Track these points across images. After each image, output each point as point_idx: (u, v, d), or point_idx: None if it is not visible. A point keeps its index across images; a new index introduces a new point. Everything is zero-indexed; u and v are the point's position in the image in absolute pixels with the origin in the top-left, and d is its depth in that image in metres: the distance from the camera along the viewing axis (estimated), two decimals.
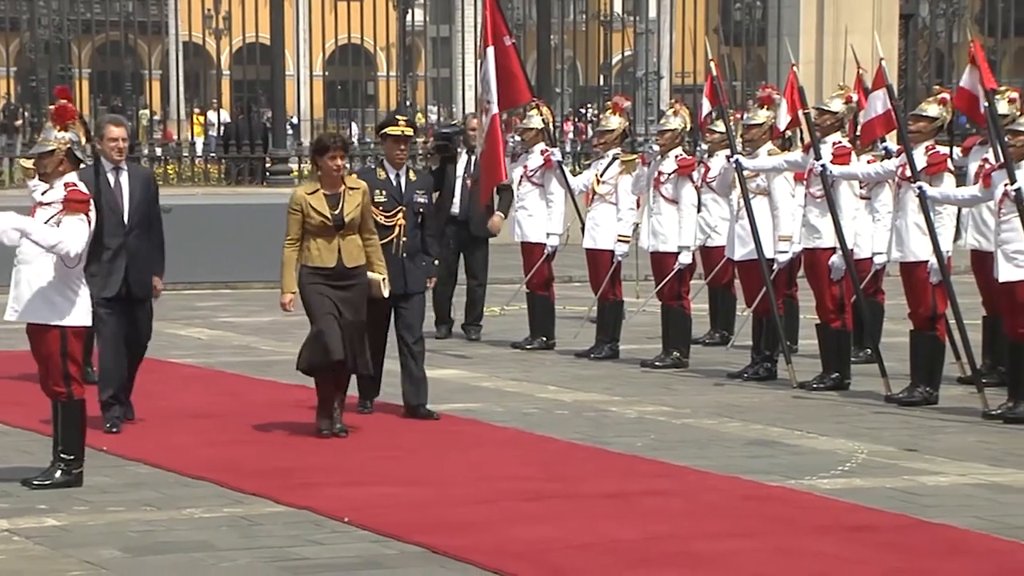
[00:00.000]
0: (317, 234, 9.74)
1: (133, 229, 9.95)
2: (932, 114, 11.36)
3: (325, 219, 9.72)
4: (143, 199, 10.01)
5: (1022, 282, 10.46)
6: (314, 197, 9.79)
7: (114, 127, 10.04)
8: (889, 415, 10.95)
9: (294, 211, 9.79)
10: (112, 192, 9.84)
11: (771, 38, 24.27)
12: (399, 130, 10.54)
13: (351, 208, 9.74)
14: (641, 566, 7.17)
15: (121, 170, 10.00)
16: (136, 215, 9.96)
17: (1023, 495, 8.57)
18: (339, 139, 10.08)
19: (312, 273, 9.75)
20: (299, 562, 7.23)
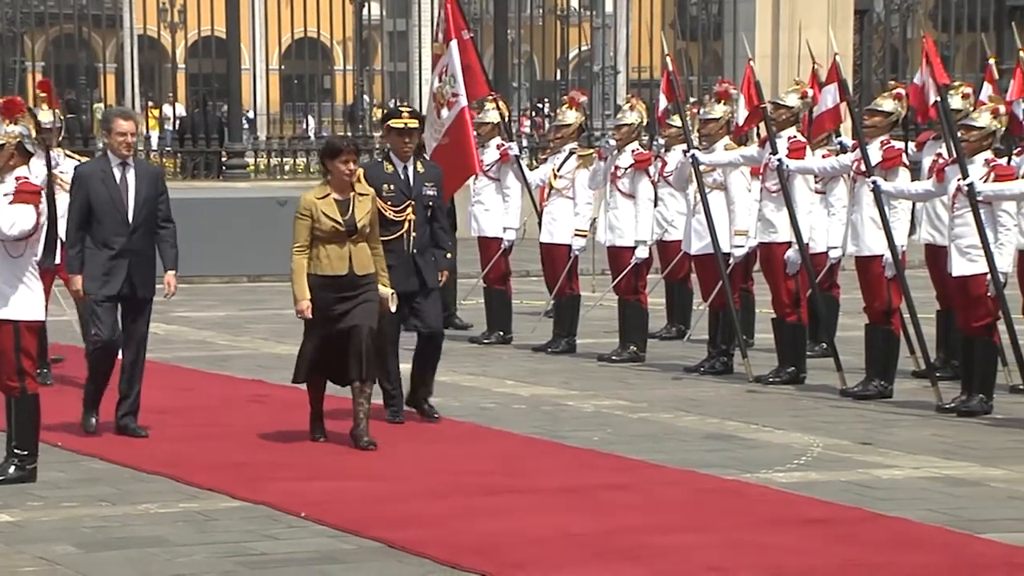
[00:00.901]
0: (328, 240, 9.32)
1: (138, 228, 9.54)
2: (887, 109, 11.43)
3: (337, 225, 9.31)
4: (150, 196, 9.59)
5: (975, 276, 10.53)
6: (324, 202, 9.36)
7: (122, 120, 9.61)
8: (844, 409, 11.00)
9: (303, 216, 9.34)
10: (117, 189, 9.52)
11: (727, 33, 24.33)
12: (402, 123, 10.22)
13: (362, 214, 9.37)
14: (597, 560, 7.18)
15: (128, 166, 9.60)
16: (141, 214, 9.55)
17: (976, 488, 8.63)
18: (351, 142, 9.71)
19: (322, 284, 9.32)
20: (255, 557, 7.21)
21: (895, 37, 25.02)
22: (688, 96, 20.00)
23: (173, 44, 27.11)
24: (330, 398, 9.75)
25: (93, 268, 9.52)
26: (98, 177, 9.56)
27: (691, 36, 26.80)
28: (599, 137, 21.39)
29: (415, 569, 7.04)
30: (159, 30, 29.90)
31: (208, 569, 7.02)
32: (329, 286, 9.31)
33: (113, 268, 9.48)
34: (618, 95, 24.70)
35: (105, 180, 9.53)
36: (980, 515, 7.99)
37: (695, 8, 26.70)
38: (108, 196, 9.48)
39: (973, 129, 10.71)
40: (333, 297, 9.31)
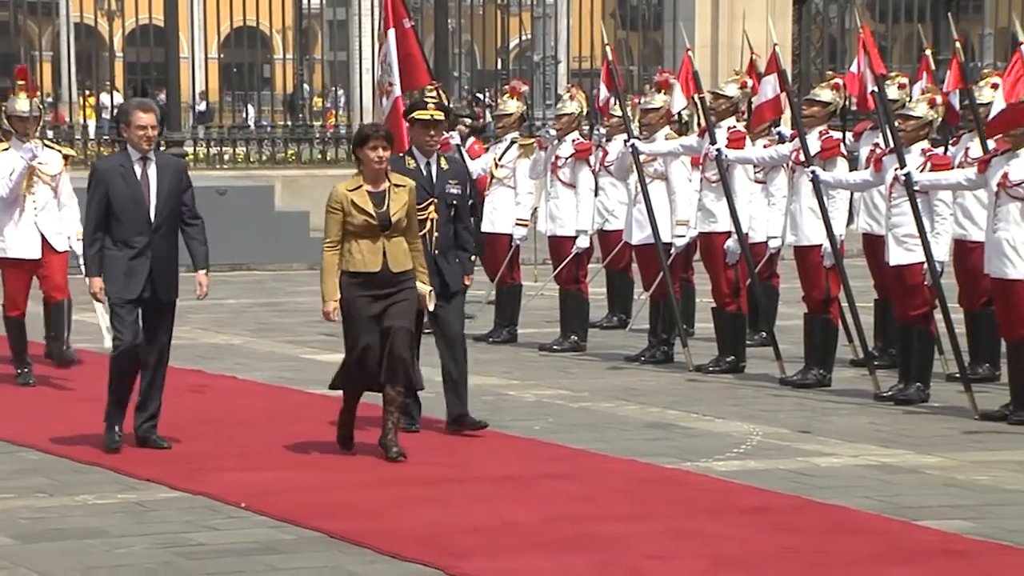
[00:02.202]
0: (360, 235, 8.73)
1: (161, 227, 8.90)
2: (825, 99, 11.49)
3: (369, 218, 8.72)
4: (173, 192, 8.95)
5: (912, 265, 10.62)
6: (356, 194, 8.76)
7: (142, 112, 8.94)
8: (783, 397, 11.07)
9: (334, 210, 8.75)
10: (138, 185, 8.88)
11: (667, 23, 24.39)
12: (428, 114, 9.55)
13: (397, 207, 8.76)
14: (538, 549, 7.20)
15: (149, 161, 8.94)
16: (164, 211, 8.91)
17: (913, 475, 8.70)
18: (381, 128, 9.06)
19: (354, 283, 8.74)
20: (194, 548, 7.18)
21: (833, 27, 25.15)
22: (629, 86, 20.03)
23: (110, 32, 26.90)
24: (199, 373, 9.80)
25: (113, 270, 8.90)
26: (117, 173, 8.91)
27: (631, 26, 26.86)
28: (540, 127, 21.39)
29: (356, 559, 7.04)
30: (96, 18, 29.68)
31: (146, 560, 6.99)
32: (362, 283, 8.74)
33: (134, 269, 8.88)
34: (559, 85, 24.71)
35: (125, 176, 8.88)
36: (917, 502, 8.06)
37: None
38: (128, 193, 8.85)
39: (910, 119, 10.79)
40: (366, 296, 8.75)
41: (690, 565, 6.94)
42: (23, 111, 11.11)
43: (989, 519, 7.71)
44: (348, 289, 8.74)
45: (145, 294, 8.90)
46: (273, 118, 26.51)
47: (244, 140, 24.06)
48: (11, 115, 11.23)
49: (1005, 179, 9.96)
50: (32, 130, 11.17)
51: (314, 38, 31.30)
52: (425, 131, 9.57)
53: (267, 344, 13.63)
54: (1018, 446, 9.45)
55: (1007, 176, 9.96)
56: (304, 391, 11.19)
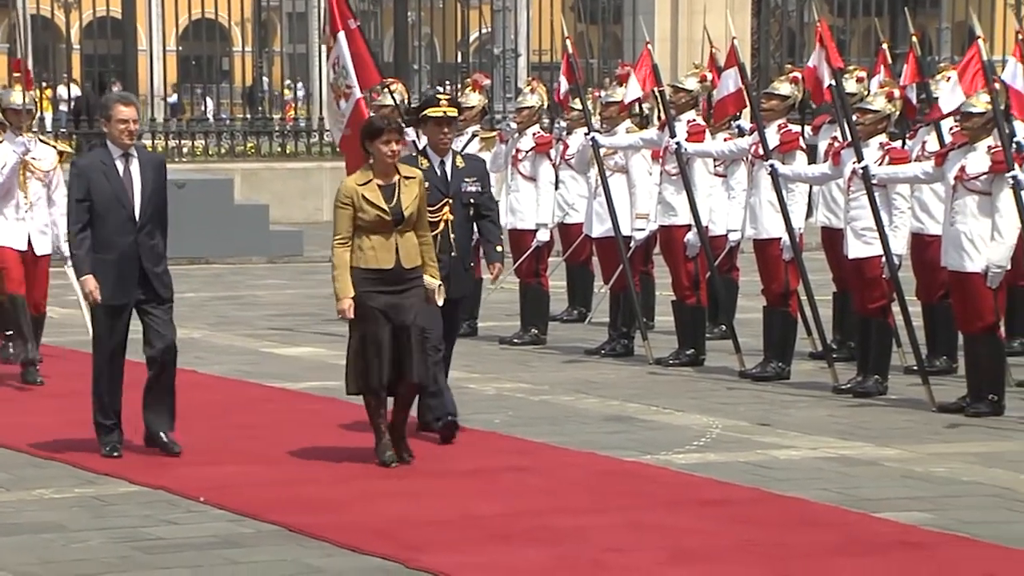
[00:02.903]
0: (372, 231, 8.42)
1: (145, 225, 8.56)
2: (784, 92, 11.54)
3: (382, 213, 8.40)
4: (157, 189, 8.63)
5: (870, 259, 10.66)
6: (367, 188, 8.43)
7: (123, 106, 8.56)
8: (743, 390, 11.10)
9: (344, 205, 8.42)
10: (121, 183, 8.51)
11: (627, 16, 24.42)
12: (440, 111, 9.20)
13: (409, 200, 8.46)
14: (498, 542, 7.20)
15: (131, 157, 8.58)
16: (149, 209, 8.57)
17: (871, 467, 8.75)
18: (393, 121, 8.73)
19: (366, 278, 8.42)
20: (152, 542, 7.16)
21: (792, 21, 25.23)
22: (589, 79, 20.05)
23: (67, 24, 26.76)
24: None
25: (101, 273, 8.54)
26: (99, 170, 8.54)
27: (591, 19, 26.88)
28: (500, 120, 21.38)
29: (315, 552, 7.02)
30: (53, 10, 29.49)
31: (104, 554, 6.96)
32: (374, 280, 8.43)
33: (123, 271, 8.52)
34: (519, 78, 24.72)
35: (107, 173, 8.52)
36: (875, 494, 8.10)
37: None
38: (111, 191, 8.49)
39: (868, 113, 10.83)
40: (380, 292, 8.45)
41: (649, 557, 6.96)
42: (17, 104, 10.83)
43: (946, 511, 7.75)
44: (359, 285, 8.44)
45: (140, 295, 8.58)
46: (232, 111, 26.40)
47: (203, 133, 23.98)
48: (5, 108, 10.93)
49: (962, 173, 10.02)
50: (26, 123, 10.91)
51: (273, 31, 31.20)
52: (439, 129, 9.22)
53: (226, 338, 13.59)
54: (975, 438, 9.51)
55: (964, 170, 10.01)
56: (263, 384, 11.17)
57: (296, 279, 17.27)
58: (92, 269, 8.56)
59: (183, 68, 30.11)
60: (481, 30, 28.51)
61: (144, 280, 8.57)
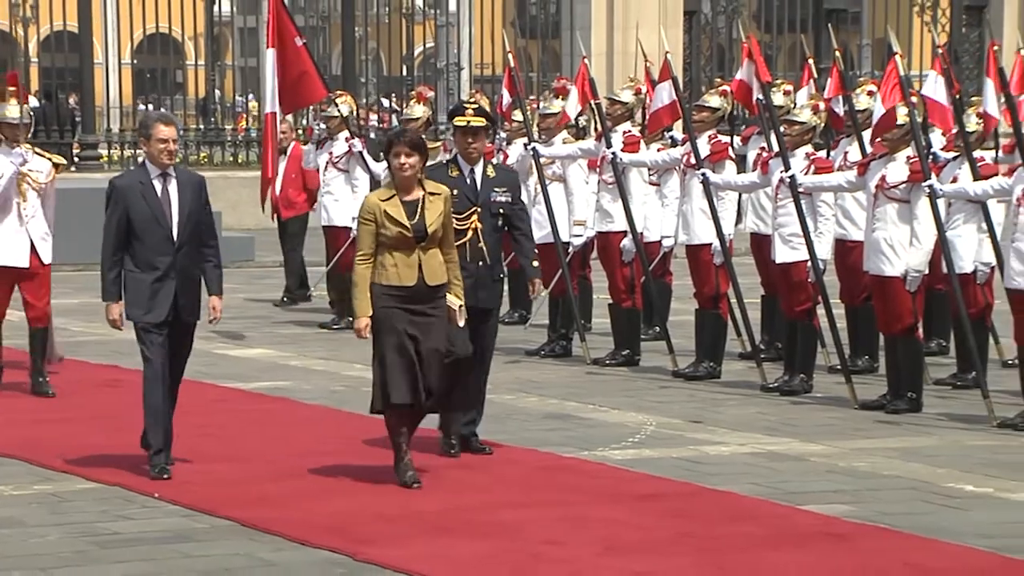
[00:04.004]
0: (394, 247, 7.92)
1: (183, 246, 8.14)
2: (714, 105, 11.59)
3: (404, 230, 7.91)
4: (195, 210, 8.19)
5: (797, 263, 10.73)
6: (389, 204, 7.95)
7: (163, 126, 8.14)
8: (676, 389, 11.13)
9: (366, 221, 7.95)
10: (159, 203, 8.10)
11: (564, 31, 24.45)
12: (465, 120, 8.75)
13: (433, 217, 7.95)
14: (442, 535, 7.20)
15: (169, 177, 8.16)
16: (187, 230, 8.14)
17: (797, 462, 8.79)
18: (406, 134, 8.15)
19: (387, 294, 7.94)
20: (109, 537, 7.11)
21: (722, 37, 25.34)
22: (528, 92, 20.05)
23: (26, 38, 26.54)
24: (113, 368, 9.49)
25: (136, 293, 8.14)
26: (137, 191, 8.13)
27: (531, 34, 26.94)
28: (444, 131, 21.37)
29: (266, 546, 6.99)
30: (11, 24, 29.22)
31: (62, 548, 6.90)
32: (396, 297, 7.94)
33: (159, 292, 8.11)
34: (462, 90, 24.71)
35: (145, 194, 8.11)
36: (801, 488, 8.14)
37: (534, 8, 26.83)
38: (150, 212, 8.09)
39: (795, 124, 10.90)
40: (401, 311, 7.95)
41: (586, 550, 6.96)
42: (13, 117, 10.49)
43: (867, 503, 7.80)
44: (381, 301, 7.95)
45: (169, 317, 8.17)
46: (186, 122, 26.26)
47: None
48: (1, 121, 10.57)
49: (883, 182, 10.09)
50: (22, 136, 10.57)
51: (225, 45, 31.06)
52: (464, 138, 8.78)
53: None
54: (895, 434, 9.58)
55: (884, 179, 10.09)
56: (218, 385, 11.10)
57: (249, 283, 17.20)
58: (120, 294, 8.18)
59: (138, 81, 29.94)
60: (425, 44, 28.48)
61: (175, 301, 8.17)
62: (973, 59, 23.64)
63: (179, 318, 8.19)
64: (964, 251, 10.68)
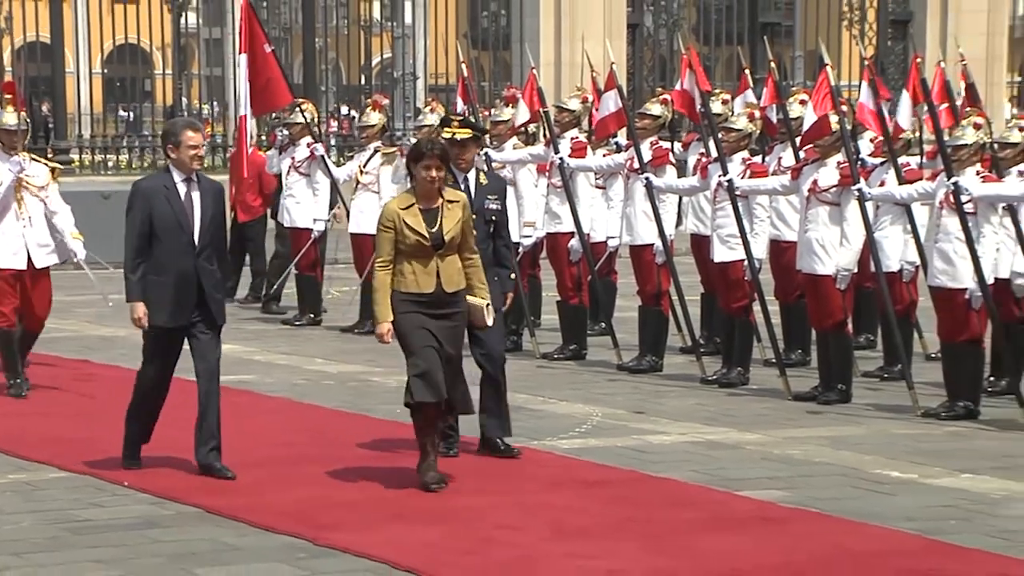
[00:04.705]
0: (412, 255, 7.69)
1: (204, 249, 7.87)
2: (656, 113, 11.62)
3: (422, 238, 7.67)
4: (216, 215, 7.95)
5: (734, 262, 10.77)
6: (408, 212, 7.69)
7: (192, 132, 7.90)
8: (620, 382, 11.16)
9: (386, 228, 7.68)
10: (182, 207, 7.85)
11: (515, 43, 24.44)
12: (450, 132, 8.50)
13: (451, 225, 7.71)
14: (399, 521, 7.19)
15: (193, 182, 7.90)
16: (208, 234, 7.89)
17: (734, 451, 8.83)
18: (437, 146, 7.84)
19: (406, 300, 7.71)
20: (80, 523, 7.07)
21: (663, 49, 25.39)
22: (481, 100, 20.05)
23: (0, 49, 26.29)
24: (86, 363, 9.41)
25: (159, 296, 7.86)
26: (162, 195, 7.86)
27: (483, 46, 26.90)
28: (400, 137, 21.33)
29: (231, 532, 6.97)
30: None
31: (36, 535, 6.85)
32: (415, 303, 7.71)
33: (181, 295, 7.86)
34: (418, 99, 24.67)
35: (170, 198, 7.85)
36: (738, 475, 8.17)
37: (486, 21, 26.81)
38: (173, 216, 7.83)
39: (732, 131, 10.94)
40: (422, 315, 7.73)
41: (535, 534, 6.97)
42: (11, 124, 10.26)
43: (800, 489, 7.84)
44: (401, 308, 7.71)
45: (195, 319, 7.88)
46: (154, 128, 26.10)
47: (127, 148, 23.73)
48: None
49: (815, 186, 10.15)
50: (20, 143, 10.35)
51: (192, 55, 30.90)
52: (453, 148, 8.41)
53: None
54: (826, 423, 9.63)
55: (816, 183, 10.15)
56: (185, 379, 11.01)
57: None
58: (144, 295, 7.89)
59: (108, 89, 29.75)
60: (383, 55, 28.42)
61: (201, 303, 7.89)
62: (898, 71, 23.79)
63: (206, 321, 7.90)
64: (891, 251, 10.75)
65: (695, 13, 26.28)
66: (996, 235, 9.66)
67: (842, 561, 6.58)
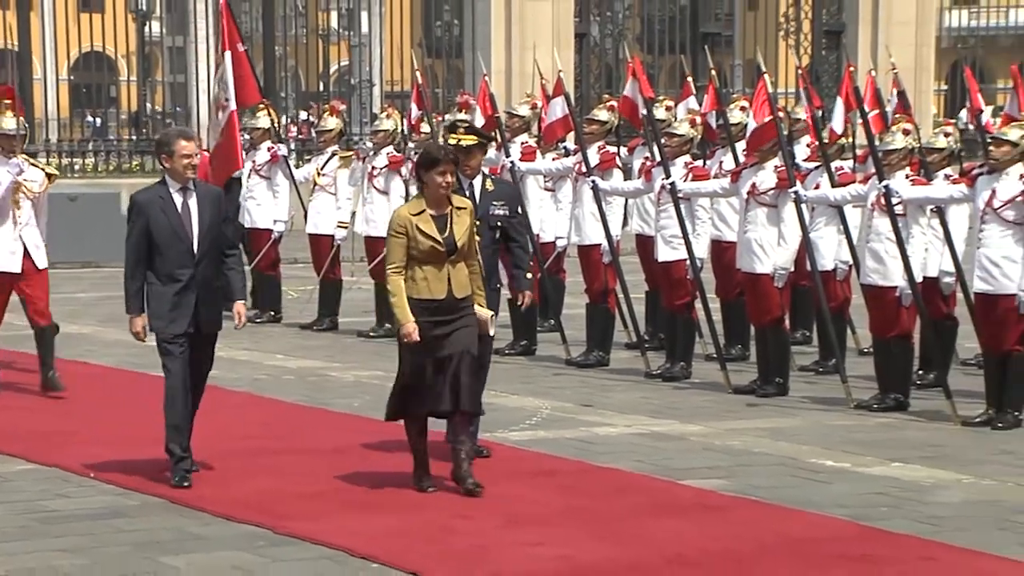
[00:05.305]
0: (424, 261, 7.40)
1: (203, 258, 7.60)
2: (602, 118, 11.63)
3: (436, 244, 7.38)
4: (214, 223, 7.66)
5: (677, 262, 10.79)
6: (421, 218, 7.41)
7: (184, 141, 7.66)
8: (569, 376, 11.16)
9: (398, 234, 7.39)
10: (179, 217, 7.58)
11: (467, 51, 24.44)
12: (456, 138, 8.10)
13: (461, 231, 7.45)
14: (357, 511, 7.16)
15: (189, 191, 7.63)
16: (207, 242, 7.61)
17: (678, 442, 8.84)
18: (450, 152, 7.55)
19: (418, 308, 7.41)
20: (48, 513, 7.00)
21: (609, 57, 25.45)
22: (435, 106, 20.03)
23: None
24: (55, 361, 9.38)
25: (159, 305, 7.61)
26: (158, 206, 7.61)
27: (436, 54, 26.86)
28: (357, 141, 21.28)
29: (194, 521, 6.92)
30: None
31: (5, 525, 6.79)
32: (426, 310, 7.42)
33: (180, 303, 7.58)
34: (374, 105, 24.61)
35: (166, 208, 7.61)
36: (681, 464, 8.19)
37: (439, 30, 26.79)
38: (170, 226, 7.58)
39: (674, 136, 10.97)
40: (430, 322, 7.44)
41: (489, 522, 6.96)
42: (10, 129, 10.06)
43: (740, 477, 7.87)
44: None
45: (191, 328, 7.63)
46: (119, 132, 25.92)
47: (93, 152, 23.57)
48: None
49: (754, 188, 10.19)
50: (18, 147, 10.16)
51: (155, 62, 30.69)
52: (459, 154, 7.96)
53: (114, 333, 13.32)
54: (764, 415, 9.67)
55: (755, 186, 10.19)
56: (147, 374, 10.95)
57: None
58: (143, 308, 7.65)
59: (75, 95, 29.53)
60: (340, 63, 28.33)
61: (196, 312, 7.63)
62: (832, 79, 23.93)
63: (200, 329, 7.67)
64: (825, 251, 10.80)
65: (640, 24, 26.36)
66: (925, 236, 9.74)
67: (780, 547, 6.61)
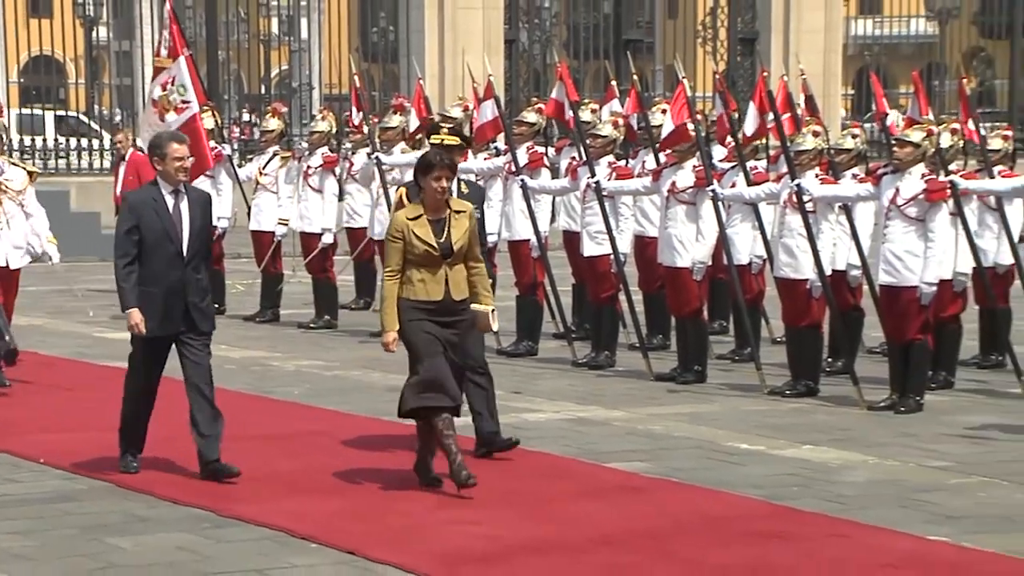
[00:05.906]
0: (421, 264, 7.19)
1: (192, 260, 7.36)
2: (531, 120, 11.64)
3: (431, 248, 7.18)
4: (203, 226, 7.45)
5: (602, 256, 10.82)
6: (417, 223, 7.20)
7: (176, 144, 7.38)
8: (500, 365, 11.10)
9: (395, 239, 7.21)
10: (170, 219, 7.31)
11: (402, 56, 24.36)
12: (439, 138, 7.92)
13: (459, 235, 7.22)
14: (298, 494, 7.12)
15: (181, 194, 7.36)
16: (195, 244, 7.38)
17: (602, 427, 8.87)
18: (447, 158, 7.28)
19: (414, 308, 7.21)
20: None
21: (537, 62, 25.48)
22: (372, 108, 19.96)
23: None
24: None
25: (148, 306, 7.34)
26: (150, 207, 7.34)
27: (373, 59, 26.81)
28: (296, 142, 21.16)
29: (141, 505, 6.85)
30: None
31: None
32: (423, 311, 7.22)
33: (170, 306, 7.33)
34: (313, 107, 24.48)
35: (158, 210, 7.33)
36: (605, 448, 8.22)
37: (376, 36, 26.69)
38: (161, 227, 7.31)
39: (599, 137, 10.99)
40: (430, 322, 7.25)
41: (423, 505, 6.96)
42: None
43: (661, 460, 7.91)
44: (409, 315, 7.21)
45: (182, 329, 7.37)
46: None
47: (43, 151, 23.30)
48: None
49: (673, 187, 10.24)
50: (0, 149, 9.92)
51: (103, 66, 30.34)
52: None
53: (65, 324, 13.17)
54: (684, 401, 9.72)
55: (675, 184, 10.24)
56: (96, 364, 10.84)
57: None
58: (138, 302, 7.34)
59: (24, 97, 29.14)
60: (281, 67, 28.14)
61: (186, 313, 7.37)
62: (746, 84, 24.10)
63: (195, 328, 7.40)
64: (741, 245, 10.88)
65: (566, 31, 26.41)
66: (833, 231, 9.84)
67: (699, 525, 6.65)
